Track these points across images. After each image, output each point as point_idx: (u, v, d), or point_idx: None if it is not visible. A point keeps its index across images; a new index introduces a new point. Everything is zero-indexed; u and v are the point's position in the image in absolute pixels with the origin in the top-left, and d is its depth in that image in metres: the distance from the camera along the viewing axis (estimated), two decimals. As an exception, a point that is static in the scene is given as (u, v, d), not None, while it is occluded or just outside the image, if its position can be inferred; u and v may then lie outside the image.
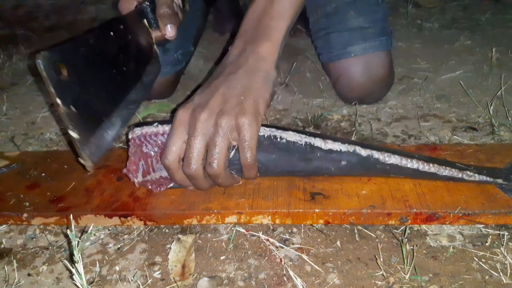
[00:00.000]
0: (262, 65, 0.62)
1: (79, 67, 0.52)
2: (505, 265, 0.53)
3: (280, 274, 0.54)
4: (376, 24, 0.92)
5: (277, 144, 0.61)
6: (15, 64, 1.35)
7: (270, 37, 0.63)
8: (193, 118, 0.58)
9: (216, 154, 0.57)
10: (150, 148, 0.62)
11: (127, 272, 0.56)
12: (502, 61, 1.12)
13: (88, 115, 0.54)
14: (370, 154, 0.61)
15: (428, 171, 0.61)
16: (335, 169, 0.62)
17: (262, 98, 0.60)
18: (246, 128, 0.57)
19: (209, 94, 0.59)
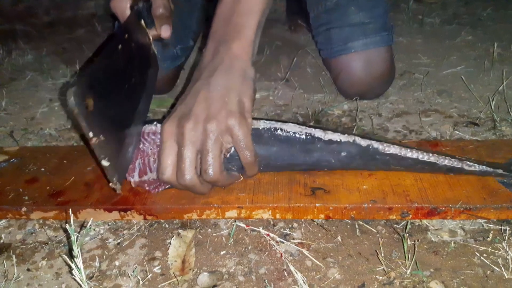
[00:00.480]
0: (238, 64, 0.61)
1: (100, 93, 0.53)
2: (507, 260, 0.53)
3: (280, 269, 0.54)
4: (377, 20, 0.92)
5: (277, 136, 0.61)
6: (14, 60, 1.35)
7: (241, 35, 0.62)
8: (179, 129, 0.57)
9: (210, 160, 0.56)
10: (147, 146, 0.62)
11: (126, 267, 0.56)
12: (504, 56, 1.12)
13: (113, 139, 0.55)
14: (370, 144, 0.61)
15: (428, 161, 0.61)
16: (335, 161, 0.62)
17: (246, 95, 0.59)
18: (237, 129, 0.57)
19: (191, 101, 0.59)
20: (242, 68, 0.60)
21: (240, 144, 0.57)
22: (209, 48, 0.63)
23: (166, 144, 0.57)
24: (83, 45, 1.42)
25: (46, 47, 1.43)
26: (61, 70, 1.25)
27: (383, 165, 0.62)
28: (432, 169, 0.62)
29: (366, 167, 0.64)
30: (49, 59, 1.35)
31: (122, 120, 0.59)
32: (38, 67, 1.27)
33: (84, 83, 0.49)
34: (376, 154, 0.61)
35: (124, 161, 0.59)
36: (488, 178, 0.61)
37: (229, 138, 0.57)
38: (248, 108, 0.59)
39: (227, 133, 0.57)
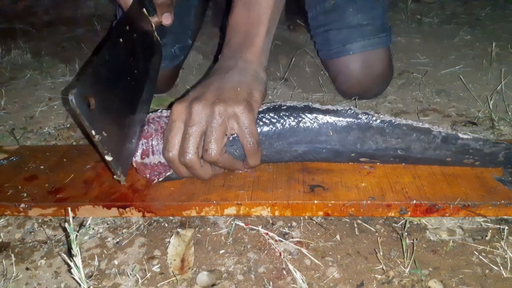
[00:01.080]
0: (251, 67, 0.65)
1: (102, 90, 0.54)
2: (505, 259, 0.53)
3: (279, 268, 0.54)
4: (375, 21, 0.92)
5: (278, 114, 0.62)
6: (13, 59, 1.35)
7: (252, 43, 0.66)
8: (189, 110, 0.59)
9: (213, 140, 0.58)
10: (152, 127, 0.63)
11: (126, 266, 0.56)
12: (502, 56, 1.12)
13: (116, 133, 0.56)
14: (365, 112, 0.62)
15: (422, 127, 0.61)
16: (333, 131, 0.62)
17: (256, 89, 0.62)
18: (244, 116, 0.58)
19: (203, 89, 0.61)
20: (254, 71, 0.64)
21: (244, 130, 0.59)
22: (224, 54, 0.68)
23: (175, 124, 0.59)
24: (82, 44, 1.42)
25: (45, 46, 1.43)
26: (60, 69, 1.25)
27: (380, 135, 0.62)
28: (427, 140, 0.61)
29: (363, 141, 0.63)
30: (48, 58, 1.35)
31: (125, 112, 0.60)
32: (37, 66, 1.27)
33: (85, 82, 0.50)
34: (372, 121, 0.61)
35: (127, 153, 0.60)
36: (486, 176, 0.61)
37: (234, 124, 0.59)
38: (257, 99, 0.61)
39: (233, 119, 0.58)
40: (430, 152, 0.63)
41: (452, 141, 0.61)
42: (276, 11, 0.69)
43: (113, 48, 0.60)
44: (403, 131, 0.61)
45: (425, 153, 0.63)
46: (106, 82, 0.56)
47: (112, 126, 0.55)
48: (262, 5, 0.68)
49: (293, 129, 0.62)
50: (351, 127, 0.62)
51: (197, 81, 1.10)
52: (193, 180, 0.64)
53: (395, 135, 0.62)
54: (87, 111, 0.49)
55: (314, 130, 0.62)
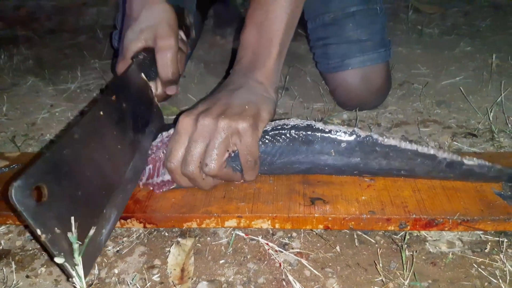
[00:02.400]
0: (261, 87, 0.65)
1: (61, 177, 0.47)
2: (504, 272, 0.53)
3: (279, 279, 0.54)
4: (374, 36, 0.92)
5: (281, 133, 0.62)
6: (15, 65, 1.35)
7: (264, 64, 0.67)
8: (194, 123, 0.59)
9: (214, 155, 0.58)
10: (158, 152, 0.64)
11: (126, 275, 0.56)
12: (502, 68, 1.13)
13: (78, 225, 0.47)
14: (369, 135, 0.61)
15: (427, 153, 0.61)
16: (335, 153, 0.62)
17: (264, 109, 0.62)
18: (247, 134, 0.58)
19: (212, 103, 0.62)
20: (265, 91, 0.65)
21: (245, 148, 0.59)
22: (236, 71, 0.68)
23: (180, 136, 0.60)
24: (84, 51, 1.42)
25: (47, 52, 1.44)
26: (62, 76, 1.25)
27: (382, 159, 0.62)
28: (433, 165, 0.61)
29: (366, 162, 0.63)
30: (50, 65, 1.35)
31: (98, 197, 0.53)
32: (39, 73, 1.28)
33: (31, 174, 0.43)
34: (375, 145, 0.61)
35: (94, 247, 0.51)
36: (486, 190, 0.61)
37: (236, 140, 0.59)
38: (263, 119, 0.61)
39: (236, 135, 0.59)
40: (433, 174, 0.63)
41: (457, 166, 0.61)
42: (288, 32, 0.69)
43: (87, 125, 0.53)
44: (407, 156, 0.61)
45: (429, 174, 0.63)
46: (70, 167, 0.48)
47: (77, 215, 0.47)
48: (275, 26, 0.68)
49: (296, 149, 0.62)
50: (354, 150, 0.62)
51: (198, 90, 1.10)
52: (194, 192, 0.64)
53: (399, 159, 0.62)
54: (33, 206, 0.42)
55: (316, 150, 0.62)
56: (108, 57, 1.36)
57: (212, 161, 0.58)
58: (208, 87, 1.11)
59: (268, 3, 0.68)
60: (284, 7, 0.68)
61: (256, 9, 0.68)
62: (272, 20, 0.67)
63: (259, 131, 0.60)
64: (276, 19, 0.67)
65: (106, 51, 1.41)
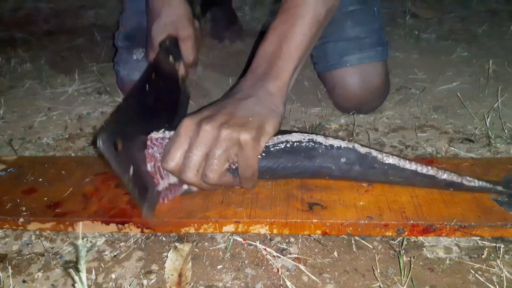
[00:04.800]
0: (270, 99, 0.64)
1: (128, 134, 0.58)
2: (501, 278, 0.53)
3: (277, 284, 0.54)
4: (372, 34, 0.93)
5: (283, 147, 0.62)
6: (13, 68, 1.35)
7: (278, 76, 0.66)
8: (197, 128, 0.59)
9: (214, 165, 0.58)
10: (156, 150, 0.63)
11: (123, 280, 0.56)
12: (499, 73, 1.13)
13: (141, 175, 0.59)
14: (369, 152, 0.62)
15: (426, 174, 0.61)
16: (335, 167, 0.63)
17: (269, 123, 0.61)
18: (248, 147, 0.58)
19: (216, 110, 0.61)
20: (274, 104, 0.64)
21: (244, 161, 0.59)
22: (247, 79, 0.68)
23: (180, 138, 0.59)
24: (82, 54, 1.42)
25: (45, 55, 1.43)
26: (60, 79, 1.25)
27: (382, 176, 0.63)
28: (431, 183, 0.62)
29: (365, 177, 0.64)
30: (48, 67, 1.35)
31: None
32: (37, 76, 1.27)
33: (112, 127, 0.54)
34: (375, 163, 0.62)
35: (154, 191, 0.62)
36: (483, 196, 0.62)
37: (237, 152, 0.59)
38: (266, 133, 0.61)
39: (236, 146, 0.59)
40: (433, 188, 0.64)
41: (456, 186, 0.62)
42: (308, 50, 0.70)
43: (139, 95, 0.64)
44: (406, 175, 0.62)
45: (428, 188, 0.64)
46: (132, 126, 0.60)
47: (138, 166, 0.58)
48: (296, 40, 0.68)
49: (297, 163, 0.63)
50: (354, 165, 0.62)
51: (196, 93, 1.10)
52: (192, 197, 0.64)
53: (398, 176, 0.62)
54: (115, 154, 0.52)
55: (317, 165, 0.63)
56: (105, 60, 1.36)
57: (211, 171, 0.58)
58: (205, 90, 1.11)
59: (295, 18, 0.68)
60: (309, 25, 0.69)
61: (282, 22, 0.69)
62: (296, 34, 0.68)
63: (261, 145, 0.60)
64: (300, 34, 0.68)
65: (104, 54, 1.41)
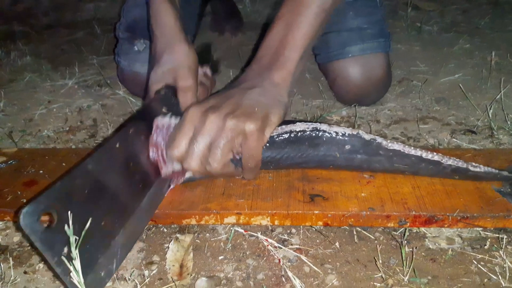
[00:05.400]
0: (275, 90, 0.64)
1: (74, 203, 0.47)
2: (504, 268, 0.53)
3: (278, 275, 0.54)
4: (374, 26, 0.93)
5: (288, 136, 0.62)
6: (13, 61, 1.35)
7: (284, 65, 0.66)
8: (203, 117, 0.59)
9: (218, 155, 0.58)
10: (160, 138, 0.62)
11: (124, 271, 0.56)
12: (501, 65, 1.13)
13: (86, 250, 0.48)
14: (373, 138, 0.61)
15: (431, 159, 0.61)
16: (340, 155, 0.62)
17: (275, 113, 0.61)
18: (252, 137, 0.58)
19: (223, 100, 0.61)
20: (279, 94, 0.64)
21: (248, 151, 0.59)
22: (253, 69, 0.67)
23: (186, 126, 0.60)
24: (82, 47, 1.42)
25: (45, 48, 1.43)
26: (59, 72, 1.25)
27: (387, 163, 0.62)
28: (437, 170, 0.62)
29: (370, 164, 0.63)
30: (47, 60, 1.34)
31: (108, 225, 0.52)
32: (36, 69, 1.27)
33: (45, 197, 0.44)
34: (379, 149, 0.61)
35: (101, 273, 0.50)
36: (485, 187, 0.61)
37: (241, 142, 0.59)
38: (271, 123, 0.61)
39: (241, 137, 0.59)
40: (438, 176, 0.63)
41: (462, 172, 0.62)
42: (313, 39, 0.69)
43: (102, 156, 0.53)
44: (411, 161, 0.62)
45: (433, 176, 0.64)
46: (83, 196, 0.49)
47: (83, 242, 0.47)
48: (302, 30, 0.67)
49: (302, 153, 0.63)
50: (358, 152, 0.62)
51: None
52: (193, 188, 0.64)
53: (403, 163, 0.62)
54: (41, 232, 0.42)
55: (322, 153, 0.63)
56: (105, 53, 1.35)
57: (215, 160, 0.58)
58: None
59: (301, 8, 0.67)
60: (316, 14, 0.68)
61: (288, 11, 0.68)
62: (302, 24, 0.67)
63: (266, 136, 0.60)
64: (306, 23, 0.67)
65: (104, 47, 1.40)
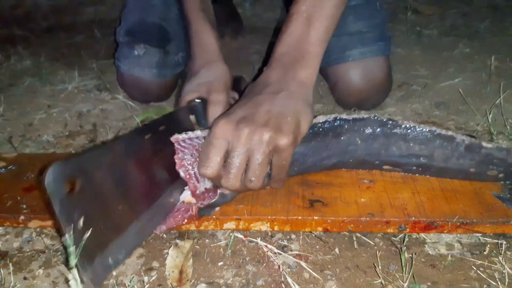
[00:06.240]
0: (302, 90, 0.61)
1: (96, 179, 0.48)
2: (503, 274, 0.53)
3: (278, 281, 0.54)
4: (374, 29, 0.93)
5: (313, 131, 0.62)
6: (12, 65, 1.35)
7: (309, 63, 0.63)
8: (237, 131, 0.55)
9: (257, 170, 0.55)
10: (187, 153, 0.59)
11: (124, 277, 0.56)
12: (501, 69, 1.13)
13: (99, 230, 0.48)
14: (389, 118, 0.63)
15: (446, 134, 0.62)
16: (360, 140, 0.63)
17: (305, 119, 0.59)
18: (287, 151, 0.56)
19: (253, 110, 0.58)
20: (306, 94, 0.61)
21: (280, 163, 0.57)
22: (274, 69, 0.64)
23: (218, 141, 0.56)
24: (82, 51, 1.42)
25: (44, 52, 1.43)
26: (59, 76, 1.25)
27: (403, 141, 0.63)
28: (451, 148, 0.62)
29: (387, 147, 0.64)
30: (47, 64, 1.34)
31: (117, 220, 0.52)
32: (36, 73, 1.27)
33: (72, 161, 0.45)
34: (395, 127, 0.63)
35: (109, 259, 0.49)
36: (485, 193, 0.62)
37: (275, 155, 0.56)
38: (303, 131, 0.58)
39: (276, 149, 0.56)
40: (453, 161, 0.63)
41: (475, 150, 0.62)
42: (334, 31, 0.66)
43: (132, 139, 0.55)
44: (426, 137, 0.62)
45: (448, 162, 0.63)
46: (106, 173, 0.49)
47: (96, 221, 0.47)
48: (325, 23, 0.64)
49: (327, 144, 0.63)
50: (377, 134, 0.63)
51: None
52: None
53: (418, 141, 0.63)
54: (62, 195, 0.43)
55: (344, 142, 0.64)
56: (105, 57, 1.35)
57: (255, 176, 0.56)
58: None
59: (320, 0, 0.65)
60: (336, 6, 0.65)
61: (306, 4, 0.64)
62: (324, 17, 0.64)
63: (298, 144, 0.58)
64: (328, 16, 0.65)
65: (104, 51, 1.40)
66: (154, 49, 0.98)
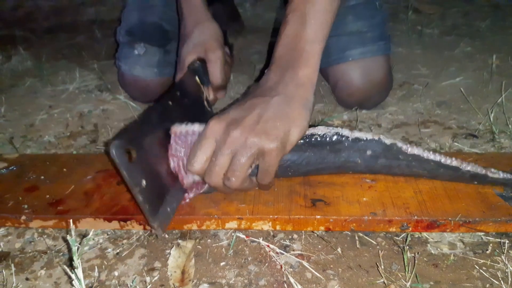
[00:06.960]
0: (301, 92, 0.60)
1: (145, 146, 0.56)
2: (506, 273, 0.53)
3: (280, 281, 0.54)
4: (374, 29, 0.93)
5: (309, 142, 0.61)
6: (14, 65, 1.35)
7: (307, 62, 0.62)
8: (225, 132, 0.56)
9: (237, 171, 0.56)
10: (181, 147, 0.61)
11: (126, 278, 0.56)
12: (502, 68, 1.13)
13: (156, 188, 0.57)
14: (394, 143, 0.61)
15: (450, 165, 0.61)
16: (361, 160, 0.62)
17: (298, 127, 0.58)
18: (271, 156, 0.56)
19: (245, 112, 0.58)
20: (304, 97, 0.60)
21: (265, 168, 0.57)
22: (273, 71, 0.63)
23: (207, 140, 0.57)
24: (83, 51, 1.42)
25: (45, 53, 1.43)
26: (60, 77, 1.25)
27: (406, 167, 0.62)
28: (455, 175, 0.62)
29: (389, 170, 0.63)
30: (48, 65, 1.34)
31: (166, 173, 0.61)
32: (37, 73, 1.27)
33: (126, 135, 0.53)
34: (399, 153, 0.61)
35: (167, 208, 0.58)
36: (487, 192, 0.61)
37: (260, 158, 0.57)
38: (292, 141, 0.58)
39: (261, 154, 0.56)
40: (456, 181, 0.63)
41: (480, 179, 0.62)
42: (330, 26, 0.66)
43: (161, 111, 0.62)
44: (430, 166, 0.61)
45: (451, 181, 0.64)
46: (150, 139, 0.58)
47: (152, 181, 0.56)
48: (320, 19, 0.63)
49: (323, 158, 0.62)
50: (379, 157, 0.62)
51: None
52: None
53: (422, 168, 0.62)
54: (126, 163, 0.51)
55: (343, 159, 0.62)
56: (106, 57, 1.35)
57: (235, 176, 0.56)
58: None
59: None
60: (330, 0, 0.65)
61: (299, 2, 0.64)
62: (319, 13, 0.63)
63: (284, 153, 0.58)
64: (322, 11, 0.64)
65: (105, 51, 1.40)
66: (154, 48, 0.98)
